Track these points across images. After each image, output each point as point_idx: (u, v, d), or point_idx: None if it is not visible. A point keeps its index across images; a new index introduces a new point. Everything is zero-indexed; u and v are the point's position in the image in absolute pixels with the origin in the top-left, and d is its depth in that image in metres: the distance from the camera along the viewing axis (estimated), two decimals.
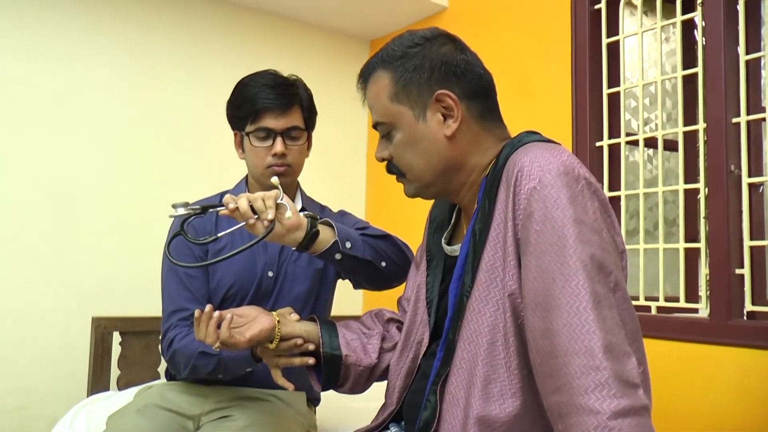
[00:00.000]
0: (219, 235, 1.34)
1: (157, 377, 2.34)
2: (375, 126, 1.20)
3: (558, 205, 0.94)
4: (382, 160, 1.21)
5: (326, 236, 1.39)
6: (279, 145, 1.62)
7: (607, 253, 0.94)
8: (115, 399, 2.12)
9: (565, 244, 0.92)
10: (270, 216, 1.27)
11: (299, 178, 1.80)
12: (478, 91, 1.13)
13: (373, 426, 1.30)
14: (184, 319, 1.61)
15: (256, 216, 1.28)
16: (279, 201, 1.31)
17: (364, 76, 1.20)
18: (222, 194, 1.79)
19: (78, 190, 2.61)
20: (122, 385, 2.29)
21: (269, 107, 1.62)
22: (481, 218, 1.06)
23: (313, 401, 1.84)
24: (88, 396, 2.22)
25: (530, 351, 0.96)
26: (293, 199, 1.75)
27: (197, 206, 1.31)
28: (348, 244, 1.43)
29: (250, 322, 1.29)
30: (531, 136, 1.12)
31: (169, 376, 1.78)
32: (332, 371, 1.31)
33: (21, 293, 2.47)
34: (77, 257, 2.59)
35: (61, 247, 2.56)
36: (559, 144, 1.09)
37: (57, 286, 2.54)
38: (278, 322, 1.30)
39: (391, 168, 1.20)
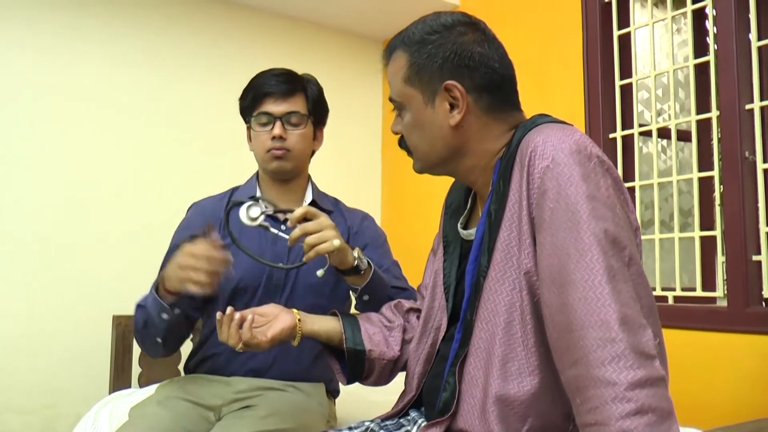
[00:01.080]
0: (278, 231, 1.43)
1: (178, 374, 2.37)
2: (390, 99, 1.23)
3: (571, 182, 0.96)
4: (396, 133, 1.24)
5: (355, 280, 1.48)
6: (277, 128, 1.67)
7: (620, 228, 0.95)
8: (137, 396, 2.14)
9: (578, 220, 0.93)
10: (304, 259, 1.37)
11: (312, 172, 1.82)
12: (489, 84, 1.13)
13: (393, 412, 1.31)
14: None
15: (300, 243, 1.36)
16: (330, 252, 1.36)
17: (387, 53, 1.23)
18: (233, 190, 1.84)
19: (99, 191, 2.66)
20: (143, 383, 2.31)
21: (270, 92, 1.68)
22: (496, 199, 1.07)
23: (333, 393, 1.85)
24: (110, 393, 2.24)
25: (547, 326, 0.97)
26: (304, 194, 1.79)
27: (269, 210, 1.41)
28: (366, 297, 1.50)
29: (271, 321, 1.31)
30: (543, 118, 1.13)
31: (187, 370, 1.81)
32: (357, 366, 1.33)
33: (42, 294, 2.51)
34: (98, 257, 2.63)
35: (82, 248, 2.60)
36: (572, 125, 1.10)
37: (78, 286, 2.58)
38: (299, 320, 1.32)
39: (402, 143, 1.24)
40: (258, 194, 1.75)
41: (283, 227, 1.65)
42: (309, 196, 1.79)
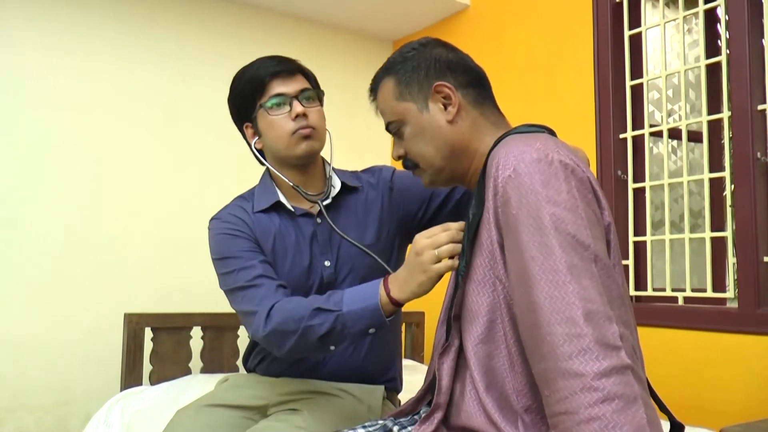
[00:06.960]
0: None
1: (188, 372, 2.39)
2: (387, 127, 1.32)
3: (532, 189, 1.02)
4: (399, 157, 1.33)
5: None
6: (298, 106, 1.55)
7: (583, 228, 0.99)
8: (148, 393, 2.17)
9: (540, 224, 0.99)
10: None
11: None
12: (471, 81, 1.26)
13: (408, 408, 1.32)
14: (279, 285, 1.49)
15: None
16: None
17: (373, 87, 1.35)
18: (251, 195, 1.70)
19: (110, 188, 2.68)
20: (154, 380, 2.33)
21: (275, 73, 1.58)
22: (476, 204, 1.15)
23: (393, 390, 1.74)
24: (121, 391, 2.27)
25: (519, 325, 1.03)
26: (324, 177, 1.67)
27: None
28: None
29: None
30: (518, 128, 1.21)
31: (246, 367, 1.75)
32: None
33: (55, 293, 2.54)
34: (109, 255, 2.66)
35: (94, 246, 2.63)
36: (541, 133, 1.16)
37: (90, 285, 2.61)
38: None
39: (407, 163, 1.32)
40: (281, 198, 1.62)
41: None
42: (338, 182, 1.64)
